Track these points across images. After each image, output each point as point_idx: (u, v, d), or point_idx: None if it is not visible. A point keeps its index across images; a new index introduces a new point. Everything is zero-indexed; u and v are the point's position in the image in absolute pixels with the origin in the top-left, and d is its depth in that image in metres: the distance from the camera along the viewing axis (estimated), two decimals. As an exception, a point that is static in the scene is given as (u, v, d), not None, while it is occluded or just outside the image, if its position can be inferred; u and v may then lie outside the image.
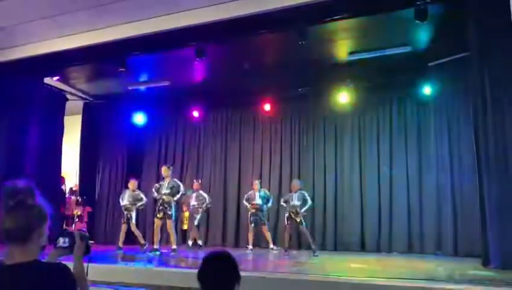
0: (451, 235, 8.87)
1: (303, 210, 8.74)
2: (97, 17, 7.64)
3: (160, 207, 8.38)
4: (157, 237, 8.40)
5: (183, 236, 11.34)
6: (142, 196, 9.24)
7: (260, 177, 10.77)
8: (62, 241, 2.05)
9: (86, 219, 10.92)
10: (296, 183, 9.21)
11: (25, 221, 1.66)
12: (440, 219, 9.10)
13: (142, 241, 8.88)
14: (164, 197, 8.36)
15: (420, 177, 9.54)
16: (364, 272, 6.01)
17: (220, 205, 11.28)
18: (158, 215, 8.39)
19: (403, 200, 9.58)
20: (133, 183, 9.29)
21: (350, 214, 10.03)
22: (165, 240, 9.40)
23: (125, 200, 9.06)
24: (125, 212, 9.03)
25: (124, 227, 9.01)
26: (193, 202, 9.86)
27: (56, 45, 8.42)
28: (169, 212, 8.31)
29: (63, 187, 11.44)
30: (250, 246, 9.24)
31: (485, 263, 6.07)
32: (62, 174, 11.24)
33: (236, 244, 10.79)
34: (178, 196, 8.52)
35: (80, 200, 11.11)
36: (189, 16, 7.32)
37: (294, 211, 8.73)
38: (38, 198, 1.73)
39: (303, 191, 9.02)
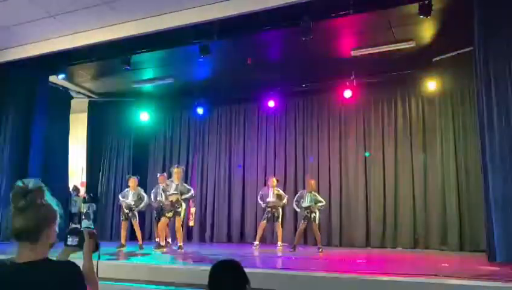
0: (456, 231, 8.86)
1: (319, 205, 8.73)
2: (102, 15, 7.66)
3: (171, 207, 8.18)
4: (163, 234, 8.36)
5: (188, 233, 11.43)
6: (144, 194, 9.02)
7: (265, 174, 10.79)
8: (71, 240, 2.08)
9: (92, 216, 10.98)
10: (313, 183, 8.99)
11: (35, 221, 1.68)
12: (445, 214, 9.09)
13: (140, 242, 8.83)
14: (172, 197, 8.16)
15: (425, 173, 9.53)
16: (370, 268, 6.03)
17: (225, 201, 11.34)
18: (167, 214, 8.20)
19: (408, 195, 9.58)
20: (133, 182, 8.98)
21: (355, 209, 10.05)
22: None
23: (129, 199, 8.87)
24: (127, 211, 8.84)
25: (124, 224, 8.91)
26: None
27: (61, 44, 8.47)
28: (179, 210, 8.18)
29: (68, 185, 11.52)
30: (257, 242, 9.22)
31: (491, 258, 6.07)
32: (68, 173, 11.31)
33: (242, 240, 10.84)
34: (187, 195, 8.37)
35: (87, 197, 11.18)
36: (193, 13, 7.33)
37: (308, 210, 8.69)
38: (48, 197, 1.76)
39: (315, 193, 8.91)
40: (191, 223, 11.45)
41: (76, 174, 12.20)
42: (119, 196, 9.20)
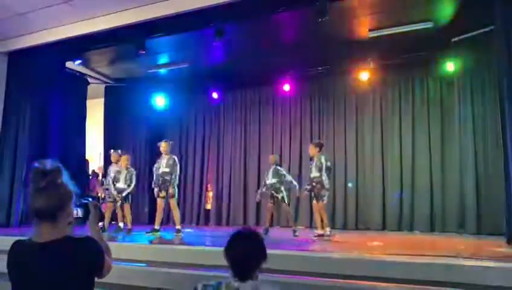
0: (474, 213, 8.75)
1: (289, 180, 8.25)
2: (117, 0, 7.67)
3: (162, 185, 8.02)
4: (159, 217, 8.14)
5: (205, 216, 11.56)
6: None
7: (280, 157, 10.77)
8: (77, 212, 2.14)
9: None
10: (271, 157, 8.69)
11: (55, 200, 1.73)
12: (463, 197, 8.98)
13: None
14: (165, 175, 7.97)
15: (442, 155, 9.41)
16: (386, 249, 6.01)
17: (240, 185, 11.39)
18: (160, 194, 8.05)
19: (425, 178, 9.49)
20: (124, 159, 8.73)
21: (371, 192, 10.00)
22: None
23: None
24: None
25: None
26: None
27: (77, 29, 8.51)
28: (171, 191, 7.95)
29: (86, 169, 11.70)
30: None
31: (510, 241, 6.00)
32: (86, 157, 11.47)
33: (258, 224, 10.88)
34: (178, 172, 8.10)
35: (104, 181, 11.32)
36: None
37: (272, 189, 8.24)
38: (65, 177, 1.79)
39: (278, 167, 8.47)
40: (208, 206, 11.61)
41: (94, 159, 12.35)
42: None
